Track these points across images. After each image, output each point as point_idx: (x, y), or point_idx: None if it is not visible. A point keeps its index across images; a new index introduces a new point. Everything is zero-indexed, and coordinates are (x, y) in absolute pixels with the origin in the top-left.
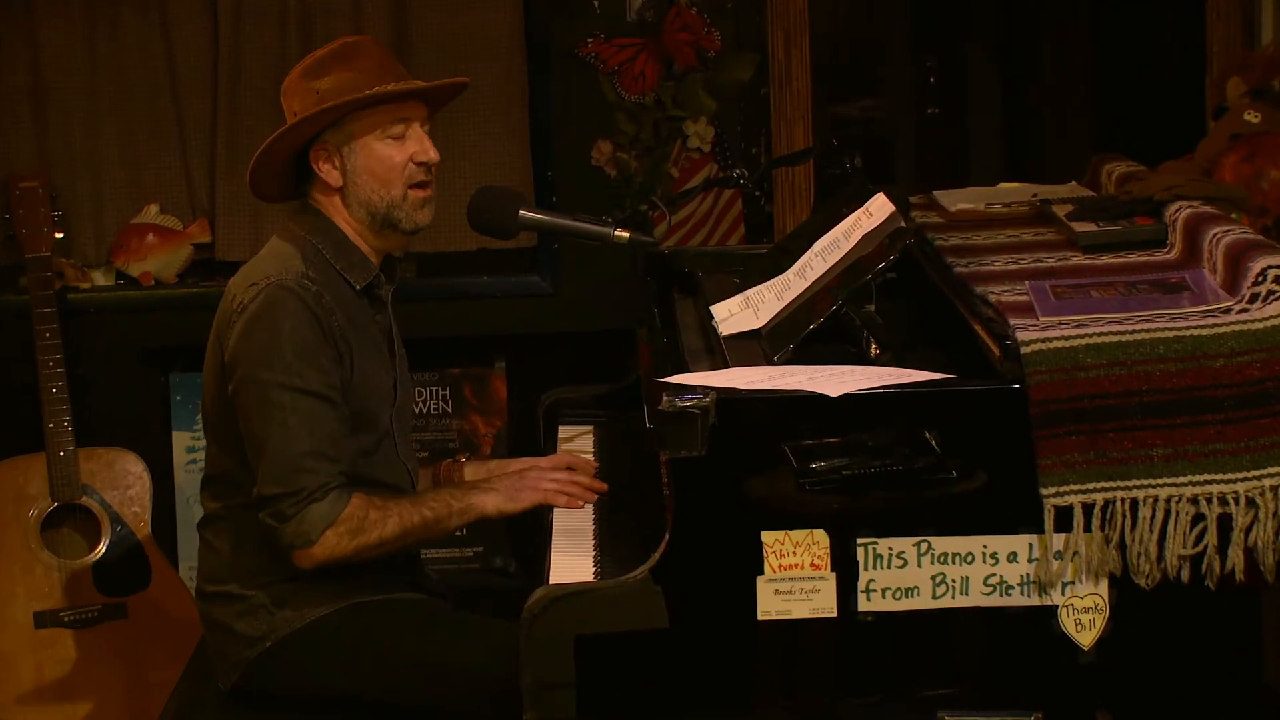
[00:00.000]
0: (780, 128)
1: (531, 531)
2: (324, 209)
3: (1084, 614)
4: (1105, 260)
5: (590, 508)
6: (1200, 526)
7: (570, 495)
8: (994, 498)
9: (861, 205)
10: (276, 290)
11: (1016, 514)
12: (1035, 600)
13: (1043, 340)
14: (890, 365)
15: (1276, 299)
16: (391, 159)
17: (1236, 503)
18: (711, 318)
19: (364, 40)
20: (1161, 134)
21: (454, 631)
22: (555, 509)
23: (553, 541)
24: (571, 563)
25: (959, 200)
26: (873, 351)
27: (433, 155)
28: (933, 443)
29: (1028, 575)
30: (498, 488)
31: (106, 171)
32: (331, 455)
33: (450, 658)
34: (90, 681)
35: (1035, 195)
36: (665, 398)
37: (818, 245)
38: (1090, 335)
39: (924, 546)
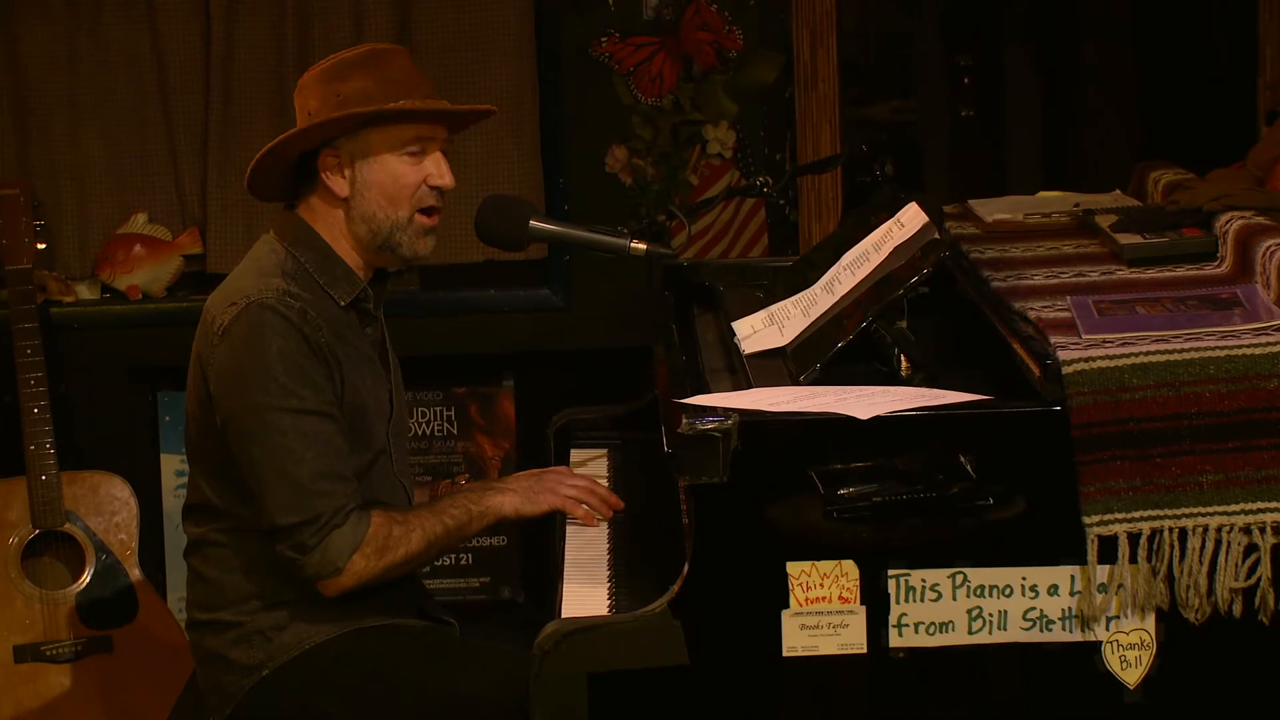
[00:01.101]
0: (806, 132)
1: (541, 560)
2: (316, 218)
3: (1129, 651)
4: (1151, 274)
5: (605, 536)
6: (1254, 558)
7: (588, 508)
8: (1034, 527)
9: (892, 215)
10: (258, 310)
11: (1058, 544)
12: (1078, 636)
13: (1085, 360)
14: (923, 385)
15: None
16: (405, 177)
17: None
18: (733, 334)
19: (393, 49)
20: (1211, 139)
21: (462, 659)
22: (567, 537)
23: (565, 571)
24: (585, 595)
25: (996, 210)
26: (905, 371)
27: (448, 181)
28: (969, 468)
29: (1070, 609)
30: (515, 488)
31: (91, 178)
32: (343, 474)
33: (458, 687)
34: None
35: (1077, 205)
36: (684, 420)
37: (846, 258)
38: (1136, 354)
39: (959, 578)
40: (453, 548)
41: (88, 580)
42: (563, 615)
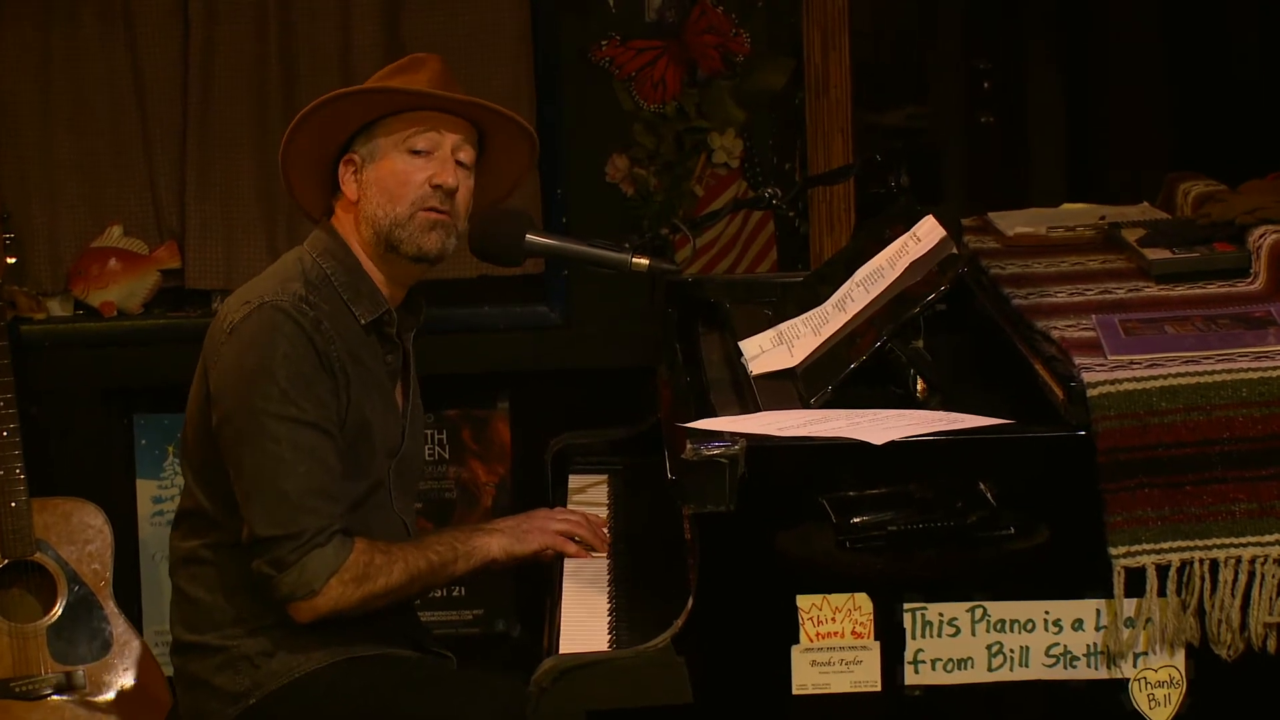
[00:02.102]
0: (817, 141)
1: (538, 592)
2: (342, 228)
3: (1158, 689)
4: (1181, 292)
5: (605, 567)
6: None
7: (580, 542)
8: (1057, 558)
9: (908, 229)
10: (270, 311)
11: (1082, 576)
12: (1103, 673)
13: (1112, 382)
14: (940, 408)
15: None
16: (406, 174)
17: None
18: (740, 354)
19: (430, 57)
20: (1245, 149)
21: (457, 690)
22: (565, 569)
23: (563, 604)
24: (584, 629)
25: (1017, 223)
26: (921, 393)
27: (449, 179)
28: (988, 496)
29: (1095, 645)
30: (503, 529)
31: (64, 189)
32: (333, 494)
33: (453, 718)
34: None
35: (1103, 218)
36: (689, 445)
37: (859, 274)
38: (1165, 376)
39: (979, 612)
40: (436, 586)
41: (59, 613)
42: (560, 650)
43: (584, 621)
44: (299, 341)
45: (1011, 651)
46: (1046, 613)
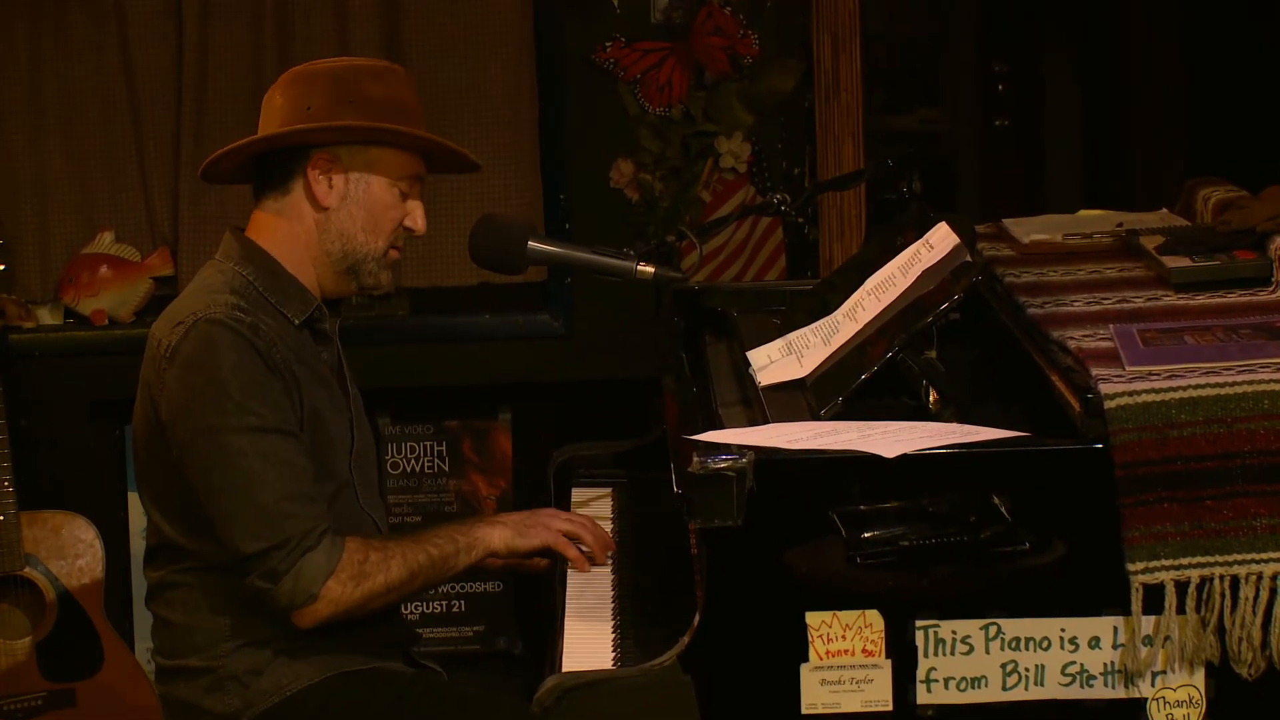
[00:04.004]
0: (827, 145)
1: (540, 607)
2: (282, 219)
3: (1177, 708)
4: (1201, 301)
5: (609, 582)
6: None
7: (582, 550)
8: (1073, 574)
9: (921, 236)
10: (206, 326)
11: (1099, 593)
12: (1121, 692)
13: (1130, 393)
14: (954, 421)
15: None
16: (391, 210)
17: None
18: (748, 365)
19: (407, 74)
20: (1266, 154)
21: (454, 707)
22: (568, 585)
23: (566, 621)
24: (587, 646)
25: (1032, 230)
26: (933, 405)
27: (421, 227)
28: (1003, 511)
29: (1112, 663)
30: (505, 521)
31: (53, 194)
32: (310, 494)
33: None
34: None
35: (1120, 225)
36: (696, 458)
37: (870, 282)
38: (1184, 388)
39: (993, 630)
40: (439, 581)
41: (49, 629)
42: (564, 668)
43: (588, 639)
44: (242, 349)
45: (1026, 670)
46: (1062, 630)
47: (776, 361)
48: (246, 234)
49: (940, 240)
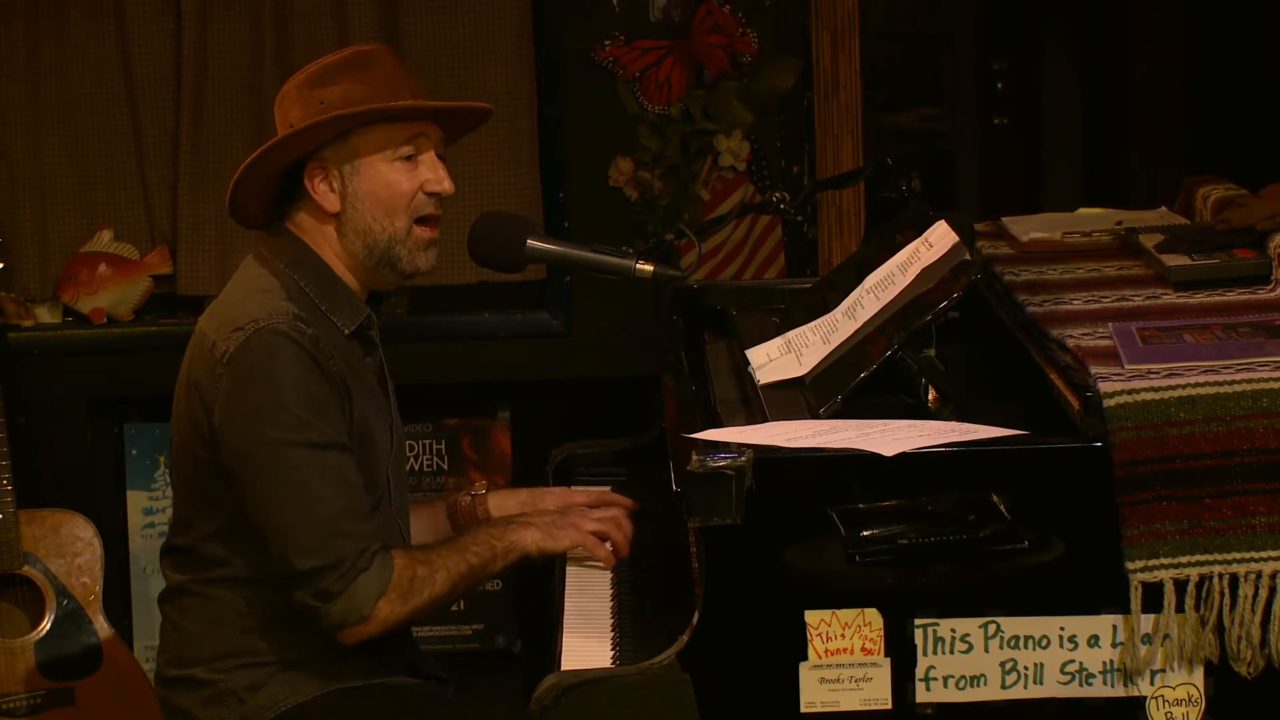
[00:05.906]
0: (826, 143)
1: (539, 606)
2: (308, 237)
3: (1176, 707)
4: (1200, 299)
5: (608, 581)
6: None
7: (612, 544)
8: (1072, 572)
9: (920, 234)
10: (269, 336)
11: (1098, 591)
12: (1120, 691)
13: (1129, 392)
14: (953, 419)
15: None
16: (399, 185)
17: None
18: (747, 363)
19: (378, 50)
20: (1265, 152)
21: None
22: (568, 583)
23: (565, 620)
24: (586, 645)
25: (1032, 229)
26: (932, 403)
27: (447, 186)
28: (1002, 509)
29: (1111, 662)
30: (536, 523)
31: (52, 192)
32: (363, 511)
33: None
34: None
35: (1120, 223)
36: (695, 456)
37: (869, 280)
38: (1183, 386)
39: (992, 628)
40: (475, 587)
41: (48, 628)
42: (562, 667)
43: (586, 637)
44: (304, 363)
45: (1026, 669)
46: (1062, 629)
47: (775, 360)
48: (292, 232)
49: (939, 238)
